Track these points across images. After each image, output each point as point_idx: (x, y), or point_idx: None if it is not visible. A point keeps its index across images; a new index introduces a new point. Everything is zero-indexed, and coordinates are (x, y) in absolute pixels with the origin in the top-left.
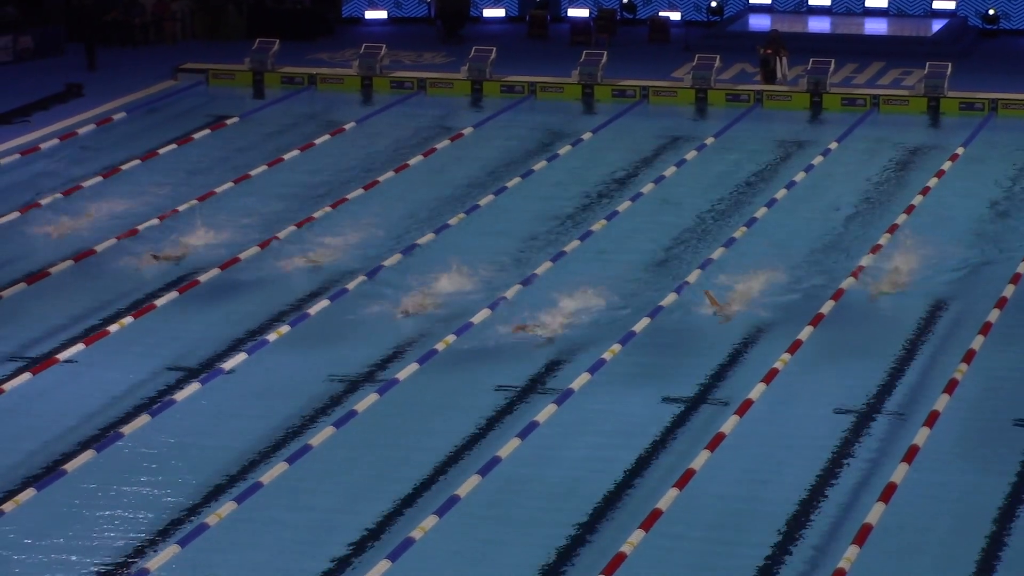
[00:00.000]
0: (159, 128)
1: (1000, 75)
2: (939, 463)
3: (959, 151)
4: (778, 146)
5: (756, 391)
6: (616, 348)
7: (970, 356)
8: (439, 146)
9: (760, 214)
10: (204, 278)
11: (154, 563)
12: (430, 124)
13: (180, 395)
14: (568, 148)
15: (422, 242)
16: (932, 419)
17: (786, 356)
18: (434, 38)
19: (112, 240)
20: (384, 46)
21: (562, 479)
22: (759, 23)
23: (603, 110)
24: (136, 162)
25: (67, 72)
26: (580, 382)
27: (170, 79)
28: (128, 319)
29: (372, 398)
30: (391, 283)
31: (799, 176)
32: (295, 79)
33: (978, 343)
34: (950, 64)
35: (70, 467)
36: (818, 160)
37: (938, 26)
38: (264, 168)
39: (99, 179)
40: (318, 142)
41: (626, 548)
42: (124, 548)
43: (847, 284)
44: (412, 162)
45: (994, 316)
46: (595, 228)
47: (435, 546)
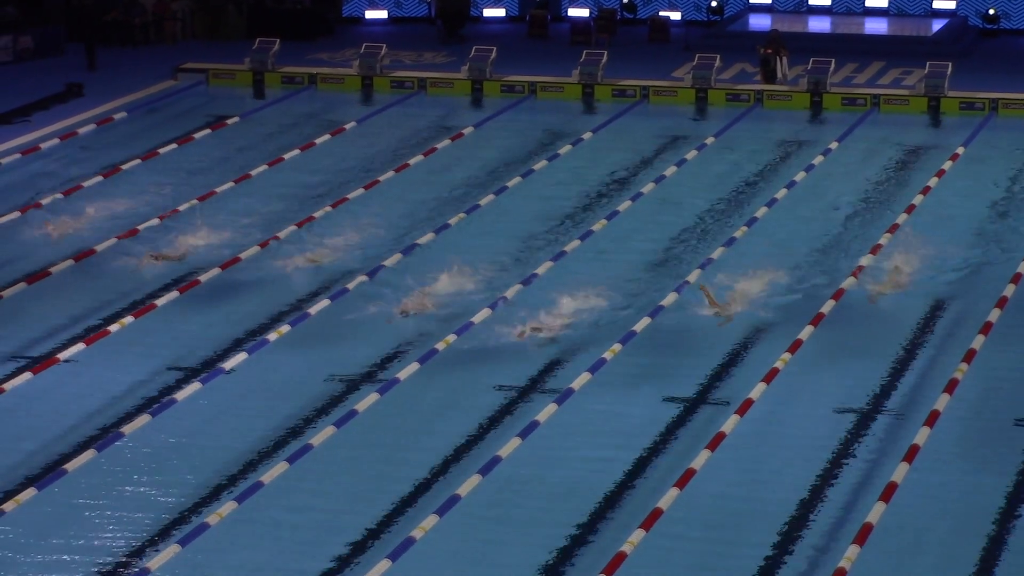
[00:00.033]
0: (159, 128)
1: (1000, 75)
2: (939, 463)
3: (959, 151)
4: (778, 146)
5: (756, 391)
6: (617, 348)
7: (970, 356)
8: (439, 146)
9: (760, 214)
10: (204, 278)
11: (154, 563)
12: (430, 124)
13: (180, 395)
14: (568, 148)
15: (422, 242)
16: (932, 419)
17: (787, 356)
18: (434, 38)
19: (112, 240)
20: (384, 46)
21: (562, 479)
22: (759, 23)
23: (603, 110)
24: (136, 162)
25: (67, 72)
26: (580, 382)
27: (170, 79)
28: (128, 319)
29: (372, 398)
30: (391, 283)
31: (799, 176)
32: (295, 79)
33: (979, 343)
34: (950, 64)
35: (70, 467)
36: (818, 160)
37: (938, 26)
38: (264, 168)
39: (99, 179)
40: (318, 142)
41: (626, 548)
42: (124, 548)
43: (848, 284)
44: (412, 162)
45: (995, 316)
46: (595, 228)
47: (435, 546)
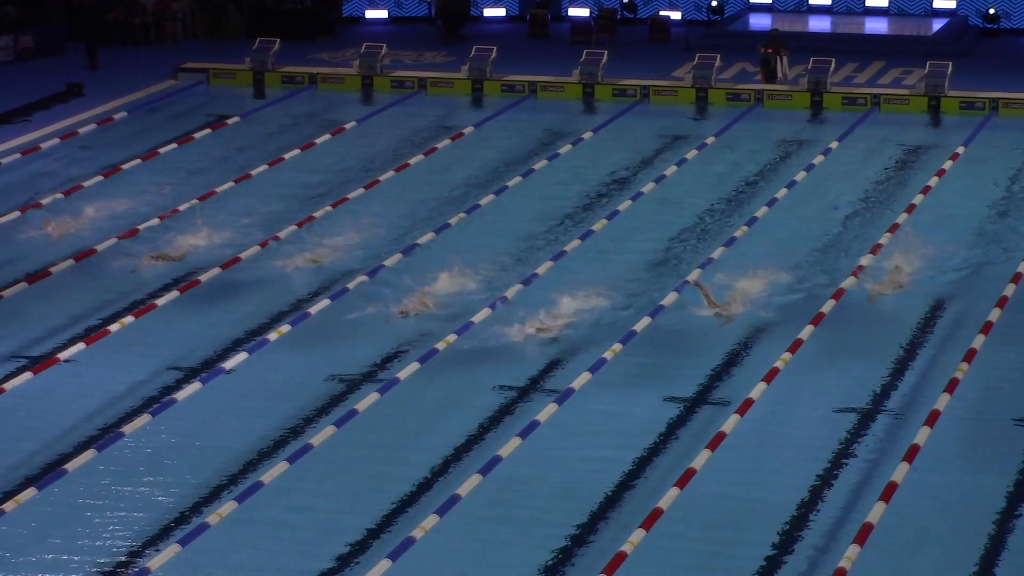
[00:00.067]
0: (160, 128)
1: (1000, 74)
2: (940, 463)
3: (960, 150)
4: (779, 145)
5: (757, 390)
6: (617, 348)
7: (971, 355)
8: (440, 146)
9: (761, 213)
10: (204, 278)
11: (155, 563)
12: (430, 124)
13: (180, 395)
14: (569, 147)
15: (422, 242)
16: (933, 418)
17: (787, 356)
18: (434, 37)
19: (112, 240)
20: (384, 45)
21: (563, 479)
22: (759, 22)
23: (604, 109)
24: (137, 162)
25: (68, 72)
26: (581, 382)
27: (171, 79)
28: (128, 319)
29: (373, 397)
30: (391, 283)
31: (800, 175)
32: (296, 79)
33: (979, 342)
34: (950, 63)
35: (70, 467)
36: (819, 159)
37: (938, 25)
38: (265, 168)
39: (100, 179)
40: (319, 142)
41: (627, 548)
42: (124, 548)
43: (848, 284)
44: (412, 161)
45: (995, 315)
46: (596, 228)
47: (436, 546)
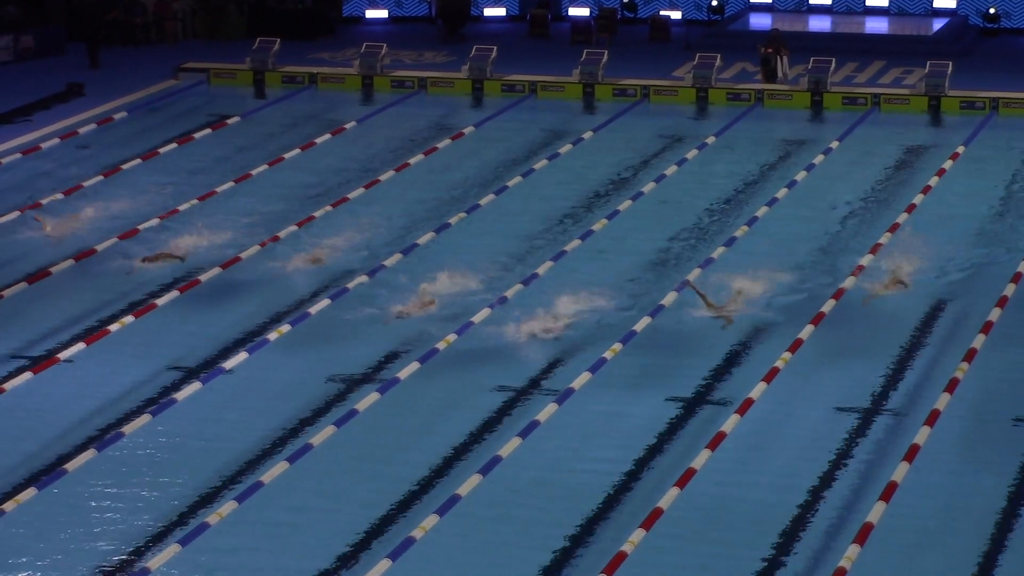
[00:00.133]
0: (160, 127)
1: (1001, 74)
2: (940, 462)
3: (960, 150)
4: (779, 145)
5: (757, 390)
6: (617, 347)
7: (971, 355)
8: (440, 145)
9: (761, 213)
10: (204, 278)
11: (155, 562)
12: (431, 123)
13: (180, 395)
14: (569, 147)
15: (423, 241)
16: (933, 418)
17: (787, 355)
18: (435, 37)
19: (112, 240)
20: (385, 45)
21: (563, 479)
22: (760, 22)
23: (604, 109)
24: (137, 161)
25: (68, 72)
26: (581, 382)
27: (171, 78)
28: (128, 319)
29: (373, 397)
30: (392, 283)
31: (800, 175)
32: (296, 78)
33: (979, 342)
34: (951, 63)
35: (70, 467)
36: (819, 159)
37: (939, 25)
38: (265, 168)
39: (100, 178)
40: (319, 141)
41: (627, 547)
42: (124, 548)
43: (848, 283)
44: (413, 161)
45: (995, 315)
46: (596, 227)
47: (436, 546)
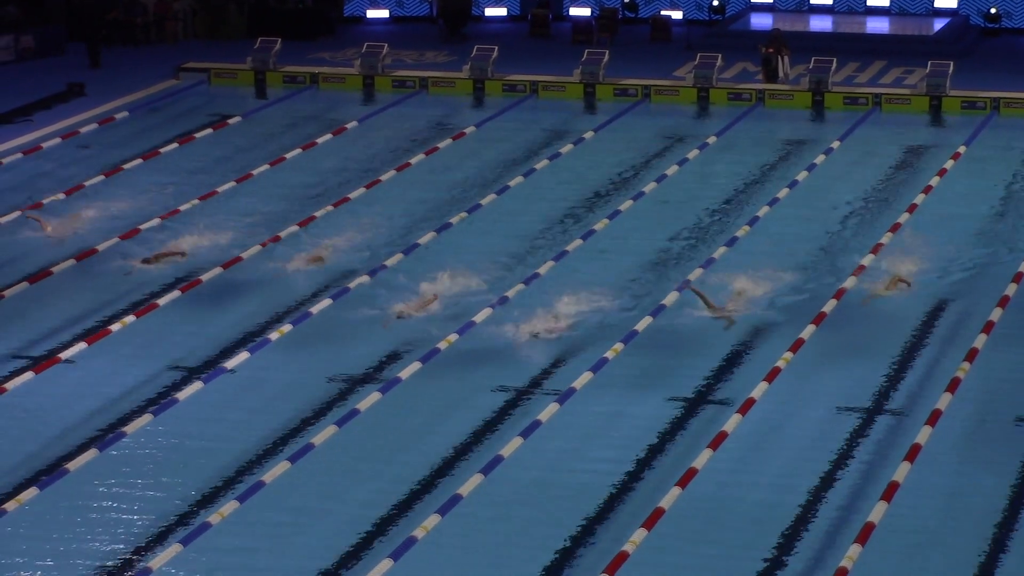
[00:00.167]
0: (161, 127)
1: (1002, 74)
2: (941, 462)
3: (961, 150)
4: (780, 145)
5: (758, 390)
6: (619, 347)
7: (972, 355)
8: (441, 145)
9: (762, 213)
10: (206, 278)
11: (156, 562)
12: (432, 123)
13: (181, 394)
14: (570, 147)
15: (424, 241)
16: (934, 418)
17: (788, 355)
18: (436, 37)
19: (114, 240)
20: (386, 45)
21: (564, 478)
22: (761, 22)
23: (605, 109)
24: (138, 161)
25: (68, 71)
26: (582, 381)
27: (172, 78)
28: (130, 318)
29: (374, 397)
30: (393, 283)
31: (801, 175)
32: (297, 78)
33: (980, 342)
34: (952, 63)
35: (72, 466)
36: (820, 159)
37: (940, 25)
38: (266, 167)
39: (101, 178)
40: (320, 141)
41: (628, 547)
42: (125, 547)
43: (849, 283)
44: (414, 161)
45: (996, 315)
46: (597, 227)
47: (437, 545)
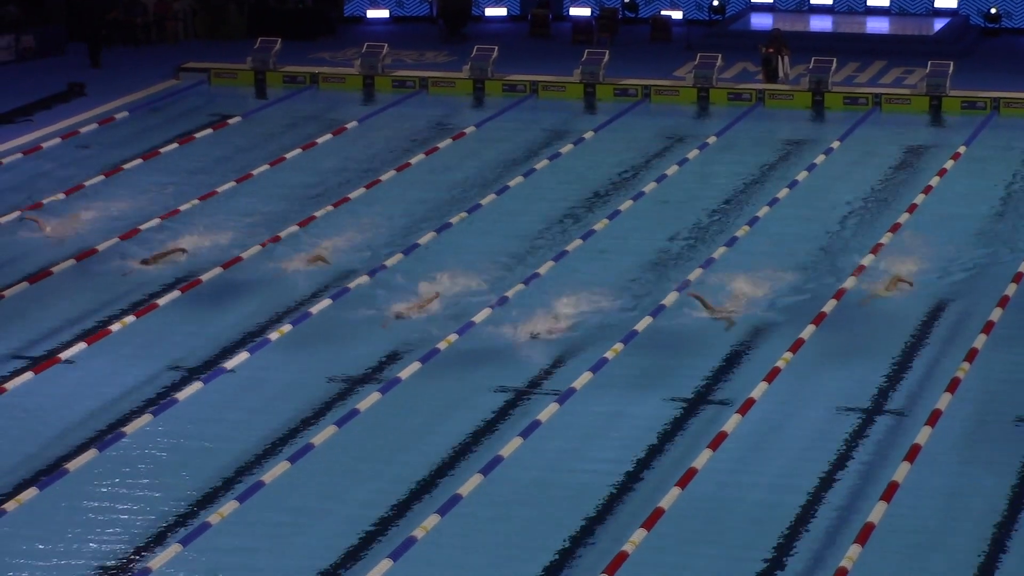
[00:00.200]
0: (161, 127)
1: (1002, 74)
2: (941, 462)
3: (961, 150)
4: (780, 145)
5: (758, 390)
6: (618, 348)
7: (972, 355)
8: (441, 145)
9: (762, 213)
10: (206, 278)
11: (156, 562)
12: (432, 123)
13: (181, 394)
14: (570, 147)
15: (423, 242)
16: (934, 418)
17: (788, 355)
18: (436, 37)
19: (114, 240)
20: (386, 45)
21: (564, 478)
22: (761, 22)
23: (605, 109)
24: (138, 161)
25: (69, 71)
26: (582, 382)
27: (172, 78)
28: (130, 319)
29: (374, 397)
30: (393, 283)
31: (801, 175)
32: (297, 78)
33: (980, 342)
34: (952, 63)
35: (71, 467)
36: (820, 159)
37: (940, 25)
38: (266, 167)
39: (101, 178)
40: (320, 141)
41: (628, 547)
42: (125, 547)
43: (849, 283)
44: (414, 161)
45: (996, 315)
46: (597, 227)
47: (437, 545)
